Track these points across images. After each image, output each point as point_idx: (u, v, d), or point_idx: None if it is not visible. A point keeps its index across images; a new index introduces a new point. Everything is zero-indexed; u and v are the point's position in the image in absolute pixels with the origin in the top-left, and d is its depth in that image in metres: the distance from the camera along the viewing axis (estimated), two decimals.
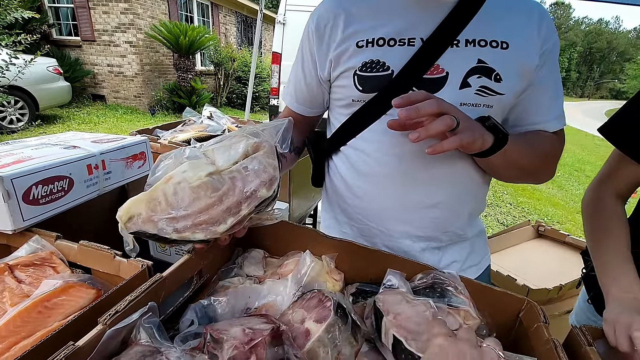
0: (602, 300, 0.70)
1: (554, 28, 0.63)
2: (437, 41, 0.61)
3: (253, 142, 0.57)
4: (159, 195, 0.51)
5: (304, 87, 0.77)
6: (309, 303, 0.49)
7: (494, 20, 0.61)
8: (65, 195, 0.73)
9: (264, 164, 0.55)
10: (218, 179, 0.53)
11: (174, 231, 0.50)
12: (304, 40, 0.73)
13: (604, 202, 0.65)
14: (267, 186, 0.54)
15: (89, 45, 7.37)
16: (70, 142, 0.85)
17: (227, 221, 0.51)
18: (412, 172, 0.66)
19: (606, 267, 0.61)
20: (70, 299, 0.54)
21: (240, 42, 11.42)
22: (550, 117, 0.65)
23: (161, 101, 7.83)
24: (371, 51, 0.64)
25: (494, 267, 1.64)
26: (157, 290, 0.49)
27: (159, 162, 0.57)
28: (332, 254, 0.69)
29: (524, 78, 0.62)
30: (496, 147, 0.56)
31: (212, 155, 0.56)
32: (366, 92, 0.65)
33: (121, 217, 0.50)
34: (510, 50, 0.60)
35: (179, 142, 1.51)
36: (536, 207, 4.62)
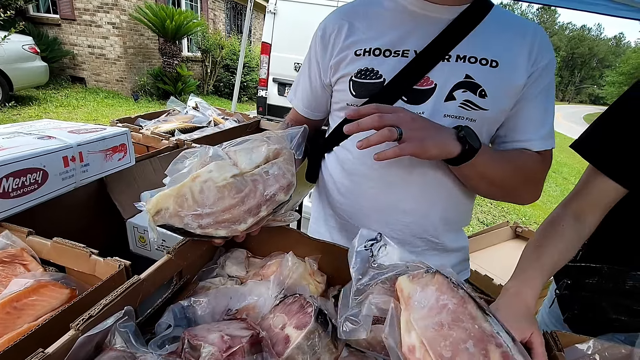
0: (578, 322, 0.72)
1: (550, 46, 0.65)
2: (429, 55, 0.64)
3: (274, 148, 0.63)
4: (186, 192, 0.54)
5: (310, 91, 0.81)
6: (290, 308, 0.49)
7: (487, 39, 0.63)
8: (38, 188, 0.70)
9: (283, 170, 0.61)
10: (241, 180, 0.57)
11: (199, 227, 0.54)
12: (311, 47, 0.78)
13: (557, 218, 0.66)
14: (285, 191, 0.60)
15: (69, 25, 7.01)
16: (46, 131, 0.81)
17: (247, 221, 0.56)
18: (387, 176, 0.70)
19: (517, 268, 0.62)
20: (41, 299, 0.52)
21: (230, 29, 11.14)
22: (536, 136, 0.66)
23: (145, 86, 7.57)
24: (367, 60, 0.67)
25: (472, 267, 1.69)
26: (134, 293, 0.47)
27: (184, 158, 0.60)
28: (315, 256, 0.69)
29: (511, 97, 0.63)
30: (463, 157, 0.57)
31: (235, 156, 0.61)
32: (359, 97, 0.69)
33: (150, 209, 0.54)
34: (500, 69, 0.62)
35: (163, 132, 1.46)
36: (515, 208, 4.76)
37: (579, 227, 0.64)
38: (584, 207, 0.65)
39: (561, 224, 0.65)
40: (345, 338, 0.43)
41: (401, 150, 0.53)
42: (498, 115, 0.65)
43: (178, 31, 7.07)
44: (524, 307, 0.55)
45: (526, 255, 0.64)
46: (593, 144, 0.67)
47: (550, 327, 0.79)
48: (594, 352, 0.54)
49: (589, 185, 0.66)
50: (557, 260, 0.62)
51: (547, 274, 0.61)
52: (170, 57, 7.34)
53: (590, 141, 0.68)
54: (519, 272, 0.61)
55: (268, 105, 4.76)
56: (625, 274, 0.64)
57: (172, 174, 0.58)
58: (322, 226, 0.86)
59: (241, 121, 1.86)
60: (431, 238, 0.73)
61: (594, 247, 0.73)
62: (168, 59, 7.35)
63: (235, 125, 1.75)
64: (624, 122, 0.64)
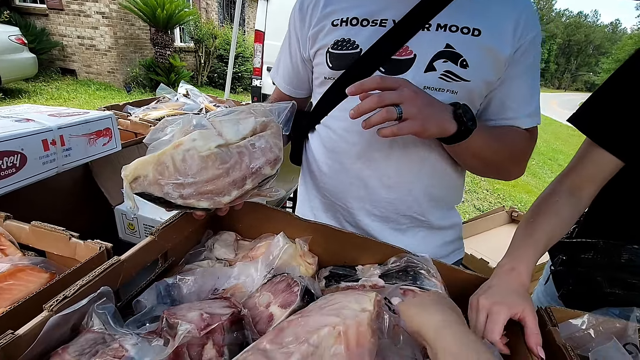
0: (573, 298, 0.72)
1: (536, 21, 0.62)
2: (408, 23, 0.61)
3: (262, 121, 0.60)
4: (167, 159, 0.52)
5: (291, 67, 0.79)
6: (277, 287, 0.47)
7: (470, 7, 0.61)
8: (16, 172, 0.67)
9: (270, 143, 0.59)
10: (226, 151, 0.55)
11: (180, 197, 0.51)
12: (290, 21, 0.76)
13: (552, 193, 0.64)
14: (272, 165, 0.58)
15: (57, 15, 6.84)
16: (24, 114, 0.78)
17: (231, 193, 0.54)
18: (369, 152, 0.68)
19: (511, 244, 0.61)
20: (19, 283, 0.50)
21: (223, 18, 10.93)
22: (524, 113, 0.64)
23: (137, 78, 7.44)
24: (344, 30, 0.66)
25: (468, 251, 1.69)
26: (114, 274, 0.45)
27: (165, 125, 0.58)
28: (305, 237, 0.67)
29: (494, 67, 0.61)
30: (459, 136, 0.56)
31: (220, 126, 0.58)
32: (335, 69, 0.67)
33: (127, 176, 0.51)
34: (482, 37, 0.60)
35: (152, 119, 1.43)
36: (511, 194, 4.78)
37: (574, 202, 0.63)
38: (580, 182, 0.64)
39: (555, 198, 0.64)
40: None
41: (400, 129, 0.51)
42: (480, 86, 0.62)
43: (170, 20, 6.92)
44: (518, 283, 0.54)
45: (519, 232, 0.63)
46: (590, 117, 0.66)
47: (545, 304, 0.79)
48: (588, 327, 0.53)
49: (585, 160, 0.64)
50: (551, 235, 0.61)
51: (541, 249, 0.59)
52: (163, 47, 7.20)
53: (587, 114, 0.67)
54: (512, 249, 0.60)
55: (263, 95, 4.70)
56: (620, 247, 0.63)
57: (149, 141, 0.55)
58: (307, 207, 0.84)
59: None
60: (416, 215, 0.72)
61: (590, 223, 0.72)
62: (160, 50, 7.21)
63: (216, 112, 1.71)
64: (621, 94, 0.62)
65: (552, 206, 0.63)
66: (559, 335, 0.48)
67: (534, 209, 0.65)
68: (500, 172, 0.70)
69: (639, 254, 0.60)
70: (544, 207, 0.64)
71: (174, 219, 0.58)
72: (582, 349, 0.51)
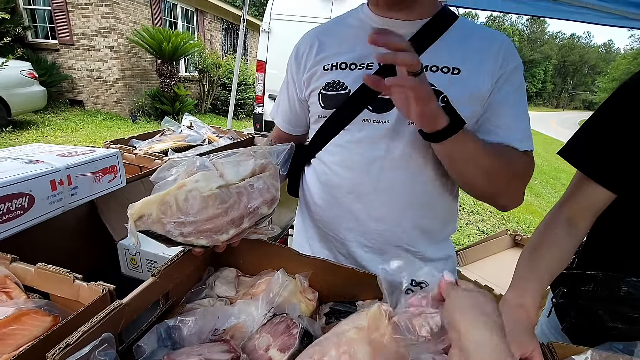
0: (576, 331, 0.71)
1: (515, 54, 0.66)
2: (392, 66, 0.63)
3: (260, 163, 0.64)
4: (170, 199, 0.54)
5: (289, 108, 0.85)
6: (276, 328, 0.47)
7: (450, 48, 0.65)
8: (24, 213, 0.69)
9: (268, 184, 0.62)
10: (226, 192, 0.58)
11: (180, 235, 0.54)
12: (288, 66, 0.83)
13: (550, 225, 0.65)
14: (269, 205, 0.61)
15: (67, 49, 7.16)
16: (34, 156, 0.81)
17: (229, 232, 0.57)
18: (358, 185, 0.71)
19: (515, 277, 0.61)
20: (23, 328, 0.51)
21: (226, 48, 11.37)
22: (512, 139, 0.64)
23: (143, 107, 7.66)
24: (334, 74, 0.72)
25: (472, 277, 1.67)
26: (116, 319, 0.46)
27: (170, 166, 0.61)
28: (305, 273, 0.68)
29: (474, 102, 0.64)
30: (452, 128, 0.56)
31: (221, 168, 0.61)
32: (327, 108, 0.73)
33: (132, 214, 0.53)
34: (462, 75, 0.64)
35: (156, 152, 1.47)
36: (515, 215, 4.74)
37: (572, 233, 0.64)
38: (576, 213, 0.65)
39: (555, 231, 0.65)
40: None
41: (419, 82, 0.50)
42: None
43: (175, 52, 7.21)
44: (526, 319, 0.55)
45: (523, 264, 0.63)
46: (579, 151, 0.68)
47: (550, 337, 0.78)
48: None
49: (579, 191, 0.66)
50: (554, 268, 0.61)
51: (546, 282, 0.60)
52: (168, 77, 7.46)
53: (577, 148, 0.68)
54: (517, 282, 0.61)
55: (265, 122, 4.82)
56: (619, 280, 0.63)
57: (157, 182, 0.58)
58: (303, 237, 0.87)
59: (235, 138, 1.87)
60: (407, 247, 0.73)
61: (588, 253, 0.73)
62: (165, 80, 7.46)
63: (229, 143, 1.75)
64: (609, 127, 0.64)
65: (552, 238, 0.64)
66: None
67: (535, 240, 0.66)
68: (498, 191, 0.66)
69: (636, 287, 0.60)
70: (545, 238, 0.65)
71: (175, 258, 0.59)
72: None
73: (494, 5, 2.46)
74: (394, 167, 0.68)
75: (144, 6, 7.55)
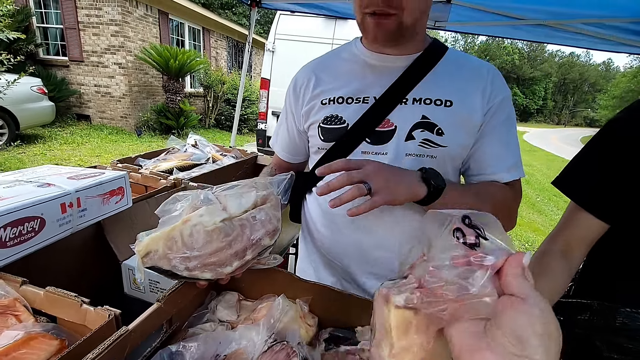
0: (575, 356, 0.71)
1: (503, 84, 0.70)
2: (387, 99, 0.70)
3: (262, 195, 0.66)
4: (176, 235, 0.56)
5: (288, 138, 0.89)
6: (276, 356, 0.49)
7: (441, 81, 0.69)
8: (35, 236, 0.72)
9: (269, 215, 0.64)
10: (230, 225, 0.59)
11: (186, 269, 0.56)
12: (286, 98, 0.86)
13: (545, 256, 0.67)
14: (271, 236, 0.63)
15: (77, 66, 7.36)
16: (45, 178, 0.84)
17: (232, 264, 0.58)
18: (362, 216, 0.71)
19: None
20: (31, 352, 0.52)
21: (231, 65, 11.63)
22: (502, 168, 0.69)
23: (148, 122, 7.79)
24: (332, 108, 0.75)
25: None
26: (122, 345, 0.48)
27: (176, 201, 0.62)
28: (306, 298, 0.69)
29: (468, 132, 0.68)
30: (430, 198, 0.60)
31: (224, 200, 0.63)
32: (327, 141, 0.76)
33: (140, 252, 0.55)
34: (454, 107, 0.67)
35: (161, 171, 1.50)
36: (518, 233, 4.72)
37: (566, 263, 0.65)
38: (570, 242, 0.67)
39: (548, 260, 0.66)
40: None
41: (373, 203, 0.56)
42: (458, 150, 0.68)
43: (181, 69, 7.39)
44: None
45: None
46: (573, 181, 0.70)
47: None
48: None
49: (573, 221, 0.67)
50: (549, 296, 0.62)
51: None
52: (174, 93, 7.61)
53: (571, 178, 0.70)
54: None
55: (267, 138, 4.89)
56: (614, 310, 0.64)
57: (162, 215, 0.60)
58: (307, 263, 0.88)
59: (239, 157, 1.90)
60: None
61: (584, 281, 0.73)
62: (171, 95, 7.62)
63: (233, 162, 1.79)
64: (602, 159, 0.66)
65: (547, 268, 0.65)
66: None
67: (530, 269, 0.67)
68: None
69: (632, 317, 0.61)
70: (539, 268, 0.66)
71: (179, 284, 0.61)
72: None
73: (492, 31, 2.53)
74: None
75: (152, 25, 7.80)
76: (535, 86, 61.22)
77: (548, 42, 2.40)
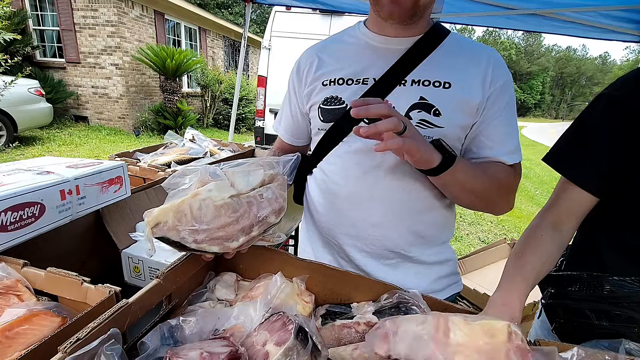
0: (565, 331, 0.73)
1: (504, 69, 0.71)
2: (386, 81, 0.71)
3: (270, 173, 0.68)
4: (185, 208, 0.57)
5: (291, 120, 0.90)
6: (273, 325, 0.50)
7: (441, 64, 0.70)
8: (35, 221, 0.73)
9: (276, 194, 0.65)
10: (237, 201, 0.61)
11: (194, 242, 0.57)
12: (290, 81, 0.87)
13: (536, 229, 0.68)
14: (276, 214, 0.65)
15: (74, 67, 7.35)
16: (45, 167, 0.86)
17: (239, 239, 0.60)
18: (355, 193, 0.75)
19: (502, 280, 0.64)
20: (33, 327, 0.54)
21: (228, 64, 11.62)
22: (503, 152, 0.70)
23: (146, 122, 7.79)
24: (332, 89, 0.76)
25: (471, 285, 1.67)
26: (122, 317, 0.49)
27: (184, 174, 0.64)
28: (303, 276, 0.71)
29: (466, 114, 0.69)
30: (444, 165, 0.61)
31: (232, 177, 0.65)
32: (326, 121, 0.77)
33: (149, 221, 0.56)
34: (452, 89, 0.68)
35: (159, 165, 1.51)
36: (516, 225, 4.74)
37: (556, 237, 0.67)
38: (560, 217, 0.68)
39: (540, 234, 0.67)
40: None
41: (404, 142, 0.54)
42: (455, 131, 0.69)
43: (178, 69, 7.39)
44: (509, 317, 0.56)
45: (510, 267, 0.66)
46: (563, 157, 0.71)
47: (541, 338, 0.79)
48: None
49: (563, 196, 0.69)
50: (539, 270, 0.64)
51: (531, 284, 0.62)
52: (171, 93, 7.61)
53: (560, 154, 0.72)
54: (504, 284, 0.63)
55: (265, 135, 4.90)
56: (602, 279, 0.65)
57: (168, 187, 0.61)
58: (307, 244, 0.90)
59: (236, 151, 1.92)
60: (403, 252, 0.75)
61: (574, 255, 0.75)
62: (168, 95, 7.62)
63: (231, 155, 1.80)
64: (589, 133, 0.67)
65: (538, 241, 0.66)
66: None
67: (522, 243, 0.69)
68: (489, 204, 0.73)
69: (619, 285, 0.62)
70: (531, 242, 0.67)
71: (178, 262, 0.62)
72: None
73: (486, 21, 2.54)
74: (390, 175, 0.72)
75: (148, 25, 7.79)
76: (533, 81, 61.22)
77: (542, 31, 2.41)
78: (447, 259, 0.81)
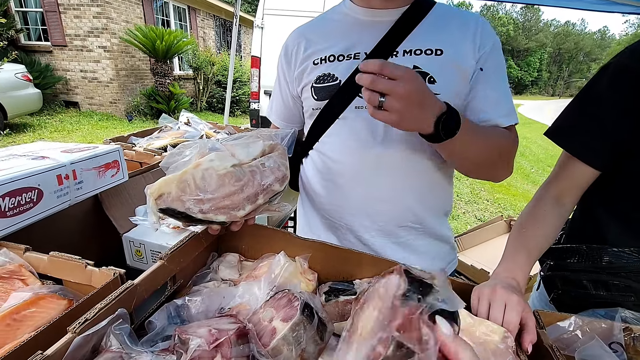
0: (563, 302, 0.75)
1: (492, 32, 0.70)
2: (378, 54, 0.70)
3: (269, 144, 0.67)
4: (188, 178, 0.57)
5: (282, 105, 0.88)
6: (278, 302, 0.51)
7: (430, 32, 0.69)
8: (34, 206, 0.72)
9: (278, 162, 0.65)
10: (240, 170, 0.61)
11: (200, 211, 0.56)
12: (278, 65, 0.85)
13: (539, 203, 0.69)
14: (280, 182, 0.64)
15: (61, 51, 7.12)
16: (39, 152, 0.84)
17: (245, 207, 0.60)
18: (359, 170, 0.74)
19: (505, 253, 0.65)
20: (40, 310, 0.54)
21: (220, 45, 11.31)
22: (499, 114, 0.69)
23: (138, 107, 7.64)
24: (324, 67, 0.74)
25: (468, 262, 1.71)
26: (129, 297, 0.49)
27: (181, 151, 0.63)
28: (305, 255, 0.71)
29: (460, 79, 0.68)
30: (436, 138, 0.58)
31: (232, 149, 0.64)
32: (319, 100, 0.75)
33: (152, 193, 0.55)
34: (445, 55, 0.67)
35: (155, 149, 1.49)
36: (512, 203, 4.80)
37: (558, 210, 0.68)
38: (562, 190, 0.69)
39: (543, 208, 0.68)
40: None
41: (373, 114, 0.54)
42: (451, 97, 0.67)
43: (168, 51, 7.18)
44: (514, 290, 0.58)
45: (512, 240, 0.67)
46: (564, 131, 0.71)
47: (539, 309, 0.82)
48: (575, 329, 0.56)
49: (565, 169, 0.69)
50: (542, 243, 0.65)
51: (534, 257, 0.64)
52: (162, 76, 7.44)
53: (562, 128, 0.71)
54: (507, 257, 0.65)
55: (261, 117, 4.83)
56: (601, 250, 0.66)
57: (166, 166, 0.60)
58: (307, 229, 0.89)
59: (232, 133, 1.89)
60: (412, 224, 0.75)
61: (574, 229, 0.76)
62: (160, 79, 7.44)
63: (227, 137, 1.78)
64: (593, 105, 0.67)
65: (540, 215, 0.67)
66: (546, 337, 0.52)
67: (524, 217, 0.70)
68: (490, 171, 0.72)
69: (618, 256, 0.64)
70: (533, 216, 0.68)
71: (181, 244, 0.63)
72: (569, 349, 0.54)
73: None
74: (392, 148, 0.71)
75: (135, 5, 7.50)
76: (530, 57, 60.37)
77: (541, 3, 2.35)
78: (447, 236, 0.82)
